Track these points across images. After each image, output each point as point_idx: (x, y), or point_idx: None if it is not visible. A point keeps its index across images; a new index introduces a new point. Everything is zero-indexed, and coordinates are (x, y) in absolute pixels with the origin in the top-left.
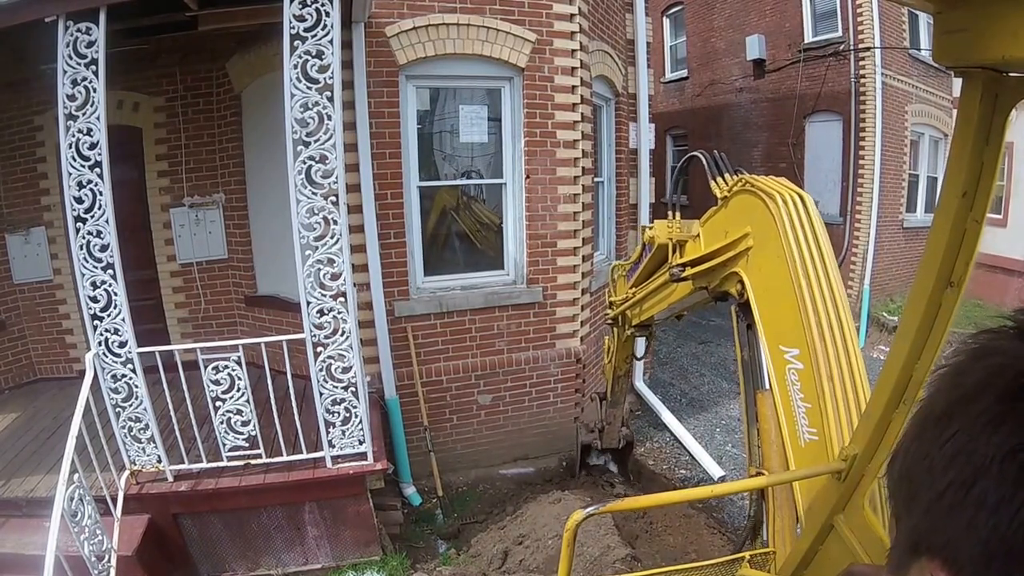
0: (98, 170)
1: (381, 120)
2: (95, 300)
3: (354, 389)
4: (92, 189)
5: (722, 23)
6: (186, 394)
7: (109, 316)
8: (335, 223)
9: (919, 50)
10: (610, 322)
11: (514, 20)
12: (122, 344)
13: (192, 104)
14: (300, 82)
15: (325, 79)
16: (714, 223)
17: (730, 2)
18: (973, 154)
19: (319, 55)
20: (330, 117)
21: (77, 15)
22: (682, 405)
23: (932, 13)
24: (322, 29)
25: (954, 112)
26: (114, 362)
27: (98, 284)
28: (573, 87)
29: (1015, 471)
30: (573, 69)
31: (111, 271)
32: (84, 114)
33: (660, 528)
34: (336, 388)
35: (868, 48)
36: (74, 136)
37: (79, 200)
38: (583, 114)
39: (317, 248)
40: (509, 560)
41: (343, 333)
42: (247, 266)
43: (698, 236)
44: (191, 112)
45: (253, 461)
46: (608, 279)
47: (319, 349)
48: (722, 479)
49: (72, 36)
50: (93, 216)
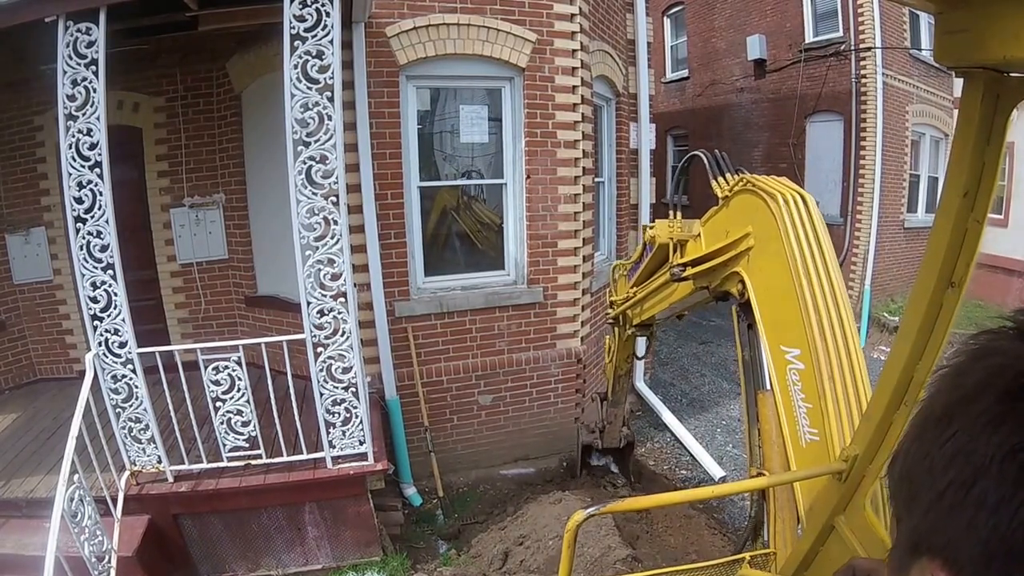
0: (98, 170)
1: (381, 120)
2: (95, 300)
3: (354, 389)
4: (92, 189)
5: (723, 23)
6: (186, 394)
7: (109, 316)
8: (335, 223)
9: (920, 50)
10: (611, 322)
11: (514, 20)
12: (122, 344)
13: (192, 104)
14: (300, 82)
15: (325, 79)
16: (715, 223)
17: (731, 2)
18: (974, 154)
19: (319, 55)
20: (330, 117)
21: (77, 15)
22: (683, 405)
23: (933, 13)
24: (322, 29)
25: (955, 112)
26: (114, 362)
27: (98, 284)
28: (574, 87)
29: (1015, 471)
30: (574, 69)
31: (111, 271)
32: (84, 114)
33: (661, 529)
34: (336, 388)
35: (869, 48)
36: (74, 136)
37: (79, 200)
38: (584, 114)
39: (317, 248)
40: (510, 561)
41: (343, 333)
42: (247, 266)
43: (699, 236)
44: (191, 112)
45: (253, 461)
46: (609, 279)
47: (319, 349)
48: (723, 479)
49: (72, 36)
50: (93, 216)
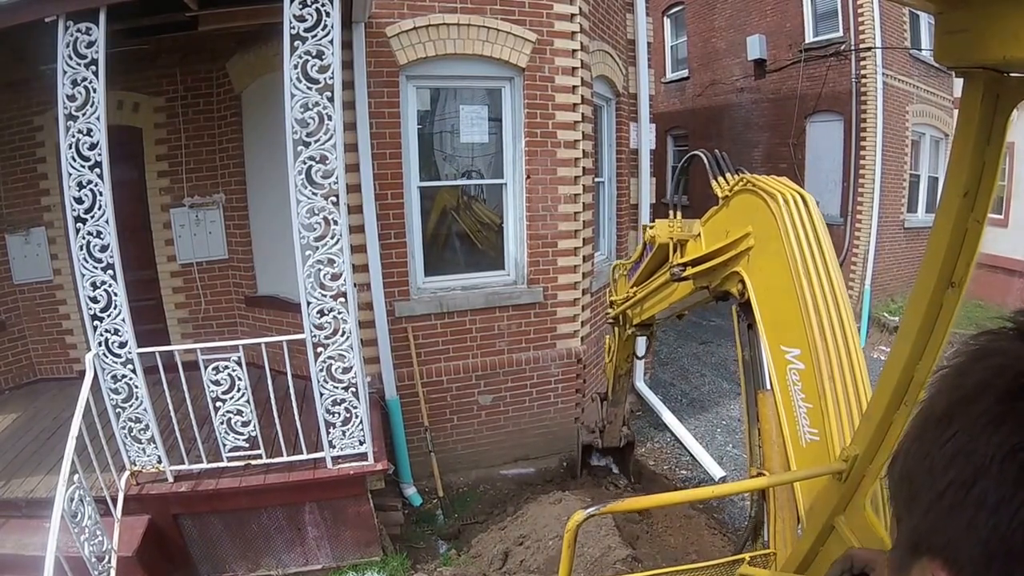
0: (98, 170)
1: (381, 120)
2: (95, 300)
3: (354, 389)
4: (92, 189)
5: (723, 23)
6: (186, 394)
7: (109, 316)
8: (335, 223)
9: (920, 50)
10: (611, 321)
11: (514, 20)
12: (122, 344)
13: (192, 104)
14: (300, 82)
15: (325, 79)
16: (715, 222)
17: (731, 2)
18: (974, 154)
19: (319, 55)
20: (330, 117)
21: (77, 15)
22: (683, 405)
23: (933, 13)
24: (322, 29)
25: (955, 112)
26: (114, 362)
27: (98, 284)
28: (574, 87)
29: (1015, 471)
30: (574, 69)
31: (111, 271)
32: (84, 114)
33: (661, 529)
34: (336, 388)
35: (869, 48)
36: (74, 136)
37: (79, 200)
38: (584, 114)
39: (317, 248)
40: (510, 561)
41: (343, 333)
42: (247, 266)
43: (699, 235)
44: (191, 112)
45: (253, 461)
46: (609, 279)
47: (319, 349)
48: (723, 480)
49: (72, 36)
50: (93, 216)
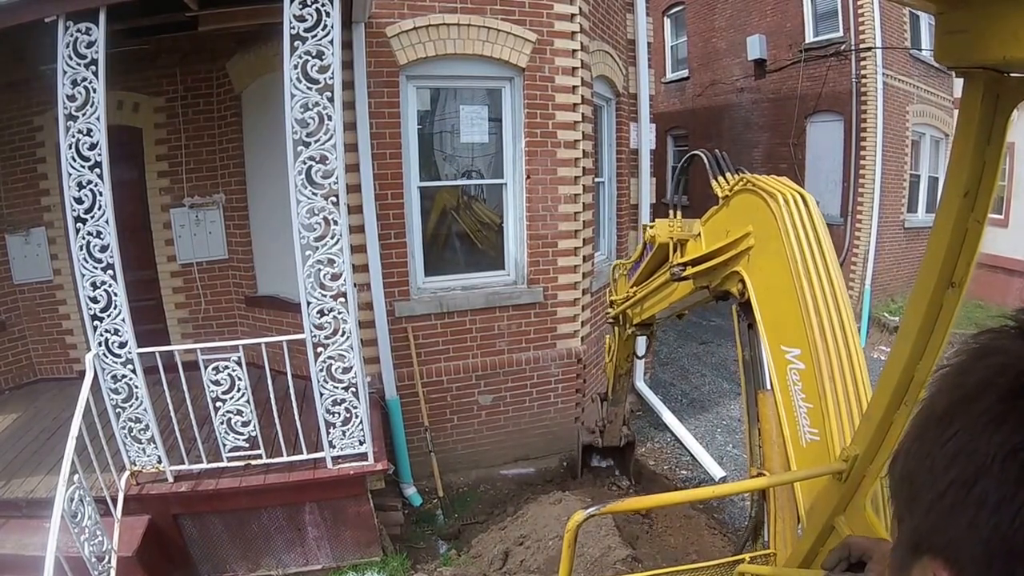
0: (98, 170)
1: (381, 120)
2: (95, 300)
3: (354, 389)
4: (92, 189)
5: (723, 23)
6: (186, 394)
7: (109, 316)
8: (335, 223)
9: (920, 50)
10: (611, 321)
11: (515, 20)
12: (122, 344)
13: (192, 104)
14: (300, 82)
15: (325, 79)
16: (715, 222)
17: (731, 2)
18: (975, 154)
19: (319, 55)
20: (330, 117)
21: (77, 15)
22: (683, 405)
23: (933, 13)
24: (322, 29)
25: (955, 112)
26: (114, 362)
27: (98, 284)
28: (574, 87)
29: (1016, 470)
30: (574, 69)
31: (111, 271)
32: (84, 114)
33: (661, 529)
34: (336, 388)
35: (869, 48)
36: (74, 136)
37: (79, 200)
38: (584, 114)
39: (317, 248)
40: (510, 561)
41: (343, 333)
42: (247, 266)
43: (699, 235)
44: (191, 112)
45: (253, 462)
46: (609, 279)
47: (319, 349)
48: (723, 480)
49: (72, 36)
50: (93, 216)
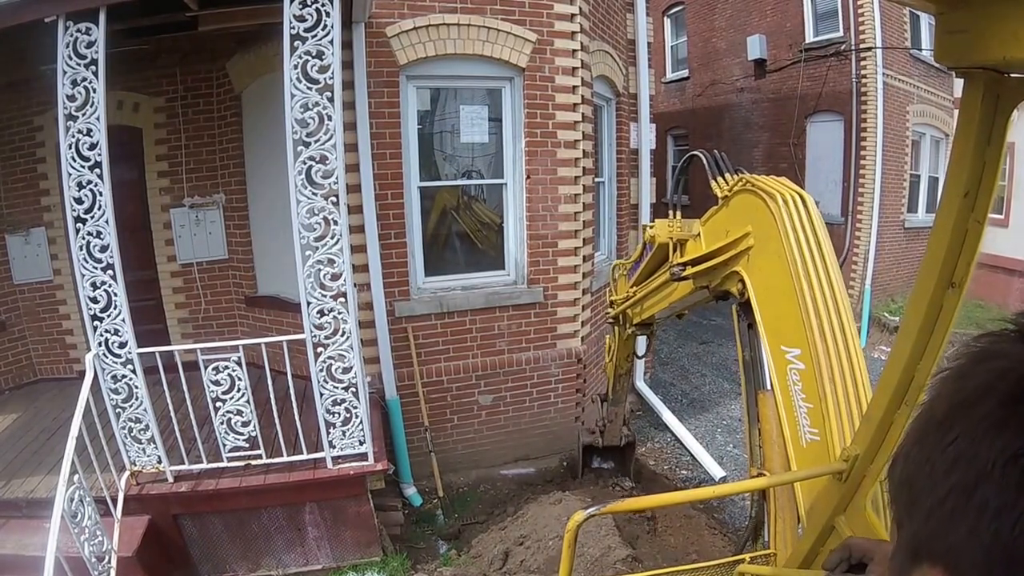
0: (98, 170)
1: (381, 120)
2: (95, 301)
3: (354, 389)
4: (92, 189)
5: (723, 23)
6: (186, 395)
7: (109, 317)
8: (335, 223)
9: (920, 50)
10: (611, 321)
11: (515, 20)
12: (122, 345)
13: (192, 104)
14: (300, 82)
15: (325, 79)
16: (715, 222)
17: (731, 2)
18: (975, 154)
19: (319, 55)
20: (330, 117)
21: (77, 15)
22: (683, 405)
23: (933, 14)
24: (322, 29)
25: (955, 112)
26: (114, 363)
27: (98, 284)
28: (574, 87)
29: (1017, 476)
30: (574, 69)
31: (111, 271)
32: (84, 114)
33: (661, 529)
34: (336, 388)
35: (869, 48)
36: (74, 136)
37: (79, 200)
38: (584, 114)
39: (317, 248)
40: (510, 561)
41: (343, 333)
42: (247, 266)
43: (699, 235)
44: (191, 112)
45: (253, 462)
46: (609, 279)
47: (319, 349)
48: (723, 480)
49: (72, 36)
50: (93, 216)
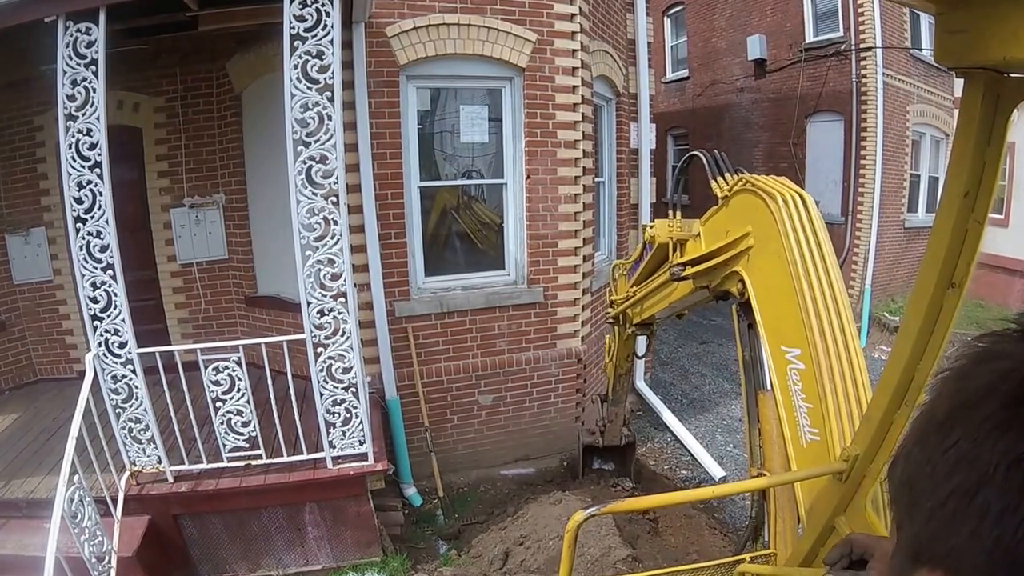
0: (98, 170)
1: (381, 120)
2: (95, 301)
3: (355, 390)
4: (92, 189)
5: (723, 23)
6: (186, 395)
7: (109, 317)
8: (335, 223)
9: (920, 50)
10: (611, 321)
11: (515, 20)
12: (122, 345)
13: (192, 104)
14: (300, 82)
15: (325, 79)
16: (715, 222)
17: (731, 2)
18: (975, 154)
19: (319, 55)
20: (330, 117)
21: (77, 15)
22: (683, 405)
23: (933, 14)
24: (322, 29)
25: (955, 112)
26: (114, 363)
27: (98, 284)
28: (574, 87)
29: (1020, 479)
30: (574, 69)
31: (111, 271)
32: (84, 114)
33: (661, 529)
34: (337, 389)
35: (869, 48)
36: (74, 136)
37: (79, 200)
38: (584, 114)
39: (317, 248)
40: (510, 561)
41: (343, 333)
42: (247, 266)
43: (699, 235)
44: (191, 112)
45: (253, 462)
46: (609, 279)
47: (319, 350)
48: (723, 480)
49: (72, 36)
50: (93, 216)
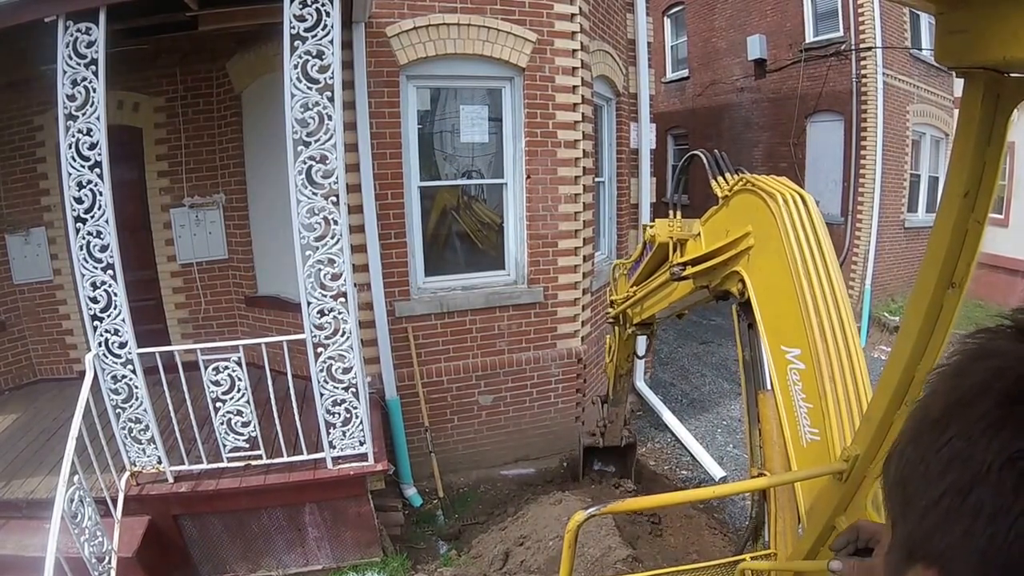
0: (98, 170)
1: (381, 120)
2: (95, 301)
3: (355, 390)
4: (92, 189)
5: (723, 23)
6: (186, 395)
7: (109, 317)
8: (335, 223)
9: (920, 50)
10: (611, 321)
11: (515, 20)
12: (122, 345)
13: (192, 104)
14: (300, 82)
15: (325, 79)
16: (715, 222)
17: (731, 2)
18: (975, 154)
19: (319, 55)
20: (330, 117)
21: (77, 15)
22: (683, 405)
23: (933, 13)
24: (322, 29)
25: (955, 112)
26: (114, 363)
27: (98, 284)
28: (574, 87)
29: (1014, 478)
30: (574, 69)
31: (111, 271)
32: (84, 114)
33: (661, 529)
34: (337, 389)
35: (869, 48)
36: (74, 136)
37: (79, 200)
38: (584, 114)
39: (317, 248)
40: (510, 561)
41: (344, 334)
42: (247, 266)
43: (699, 235)
44: (191, 112)
45: (253, 462)
46: (609, 278)
47: (320, 350)
48: (723, 480)
49: (72, 36)
50: (93, 216)
